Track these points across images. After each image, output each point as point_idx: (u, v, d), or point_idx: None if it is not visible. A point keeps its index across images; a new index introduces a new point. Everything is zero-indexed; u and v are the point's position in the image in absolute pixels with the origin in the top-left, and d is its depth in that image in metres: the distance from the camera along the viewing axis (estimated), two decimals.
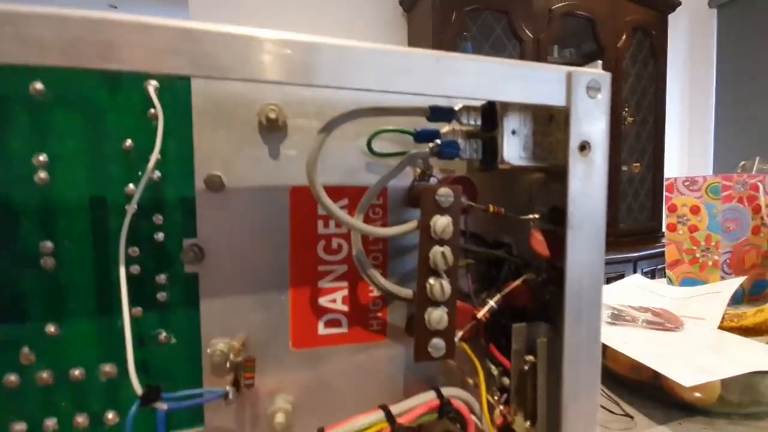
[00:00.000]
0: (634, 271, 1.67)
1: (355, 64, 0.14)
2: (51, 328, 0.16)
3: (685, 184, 0.85)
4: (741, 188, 0.80)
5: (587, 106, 0.17)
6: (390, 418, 0.17)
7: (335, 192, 0.19)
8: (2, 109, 0.16)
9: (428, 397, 0.18)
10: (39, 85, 0.16)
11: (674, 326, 0.53)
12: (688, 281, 0.82)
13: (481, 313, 0.19)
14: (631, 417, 0.36)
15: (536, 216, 0.20)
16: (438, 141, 0.18)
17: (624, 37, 1.81)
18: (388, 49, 0.14)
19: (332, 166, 0.19)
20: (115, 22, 0.11)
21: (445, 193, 0.17)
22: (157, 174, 0.17)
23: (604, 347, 0.46)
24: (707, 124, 2.20)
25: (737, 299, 0.72)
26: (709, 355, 0.43)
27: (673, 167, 2.23)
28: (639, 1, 1.83)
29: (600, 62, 0.24)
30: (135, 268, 0.17)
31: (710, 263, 0.82)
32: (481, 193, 0.21)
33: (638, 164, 1.92)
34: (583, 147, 0.17)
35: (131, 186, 0.17)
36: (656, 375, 0.40)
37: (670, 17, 1.98)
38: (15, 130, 0.16)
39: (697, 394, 0.39)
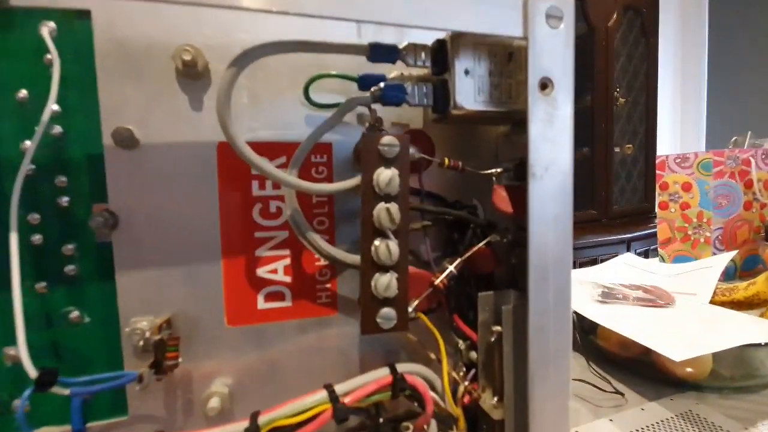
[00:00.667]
0: (628, 252, 1.66)
1: None
2: None
3: (677, 161, 0.84)
4: (733, 163, 0.78)
5: (547, 38, 0.15)
6: (333, 397, 0.15)
7: (271, 148, 0.17)
8: None
9: (380, 374, 0.16)
10: None
11: (665, 302, 0.52)
12: (680, 259, 0.81)
13: (439, 280, 0.17)
14: (622, 394, 0.35)
15: (498, 170, 0.18)
16: (382, 84, 0.16)
17: (615, 16, 1.78)
18: None
19: (267, 119, 0.17)
20: None
21: (389, 142, 0.15)
22: (58, 129, 0.15)
23: (595, 325, 0.45)
24: (699, 102, 2.19)
25: (729, 275, 0.71)
26: (700, 330, 0.42)
27: (666, 147, 2.22)
28: None
29: None
30: (37, 237, 0.15)
31: (702, 240, 0.81)
32: (441, 150, 0.19)
33: (630, 145, 1.91)
34: (545, 85, 0.15)
35: (27, 143, 0.15)
36: (647, 351, 0.39)
37: None
38: None
39: (689, 369, 0.38)
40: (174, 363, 0.15)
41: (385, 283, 0.15)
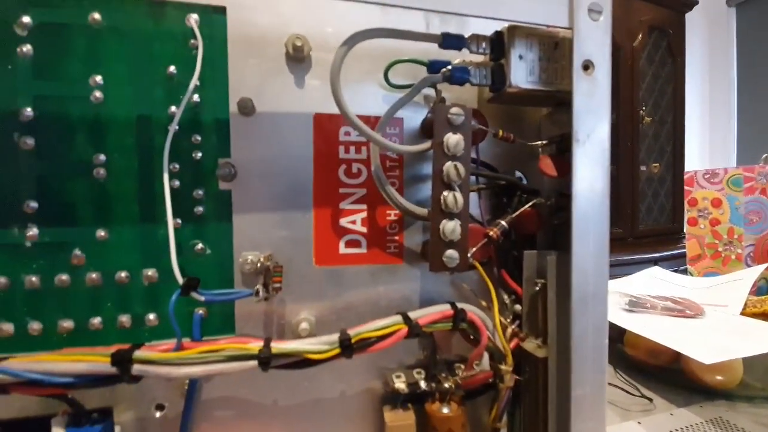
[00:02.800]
0: None
1: None
2: (101, 233, 0.18)
3: (706, 176, 0.83)
4: (763, 179, 0.78)
5: (589, 28, 0.18)
6: (407, 319, 0.18)
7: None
8: (64, 35, 0.18)
9: (443, 308, 0.19)
10: (96, 15, 0.18)
11: (695, 313, 0.51)
12: (710, 276, 0.80)
13: (493, 231, 0.20)
14: (651, 399, 0.35)
15: (544, 142, 0.21)
16: (449, 67, 0.19)
17: (640, 36, 1.80)
18: None
19: (352, 97, 0.21)
20: None
21: (456, 112, 0.19)
22: (196, 98, 0.19)
23: (622, 332, 0.45)
24: (728, 122, 2.15)
25: (762, 293, 0.70)
26: (730, 338, 0.42)
27: (694, 166, 2.18)
28: (655, 1, 1.82)
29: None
30: (175, 183, 0.19)
31: (733, 257, 0.80)
32: (491, 128, 0.22)
33: (657, 164, 1.89)
34: (587, 66, 0.18)
35: (173, 108, 0.19)
36: (675, 359, 0.39)
37: (688, 16, 1.96)
38: (74, 54, 0.18)
39: (719, 378, 0.38)
40: (278, 286, 0.19)
41: (451, 227, 0.19)
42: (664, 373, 0.42)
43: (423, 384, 0.20)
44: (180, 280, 0.17)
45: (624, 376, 0.42)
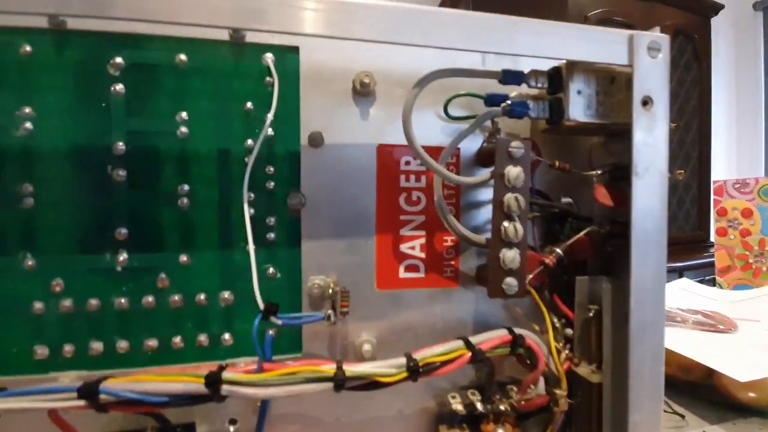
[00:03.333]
0: None
1: (439, 25, 0.17)
2: (184, 258, 0.20)
3: (735, 186, 0.82)
4: None
5: (649, 65, 0.19)
6: (470, 345, 0.19)
7: None
8: (153, 75, 0.19)
9: (501, 333, 0.20)
10: (183, 57, 0.19)
11: (727, 328, 0.51)
12: (740, 287, 0.78)
13: (549, 258, 0.21)
14: (682, 416, 0.35)
15: (599, 172, 0.22)
16: (508, 101, 0.20)
17: None
18: (471, 13, 0.17)
19: (415, 128, 0.22)
20: None
21: (517, 145, 0.20)
22: (270, 132, 0.20)
23: None
24: (757, 129, 2.09)
25: None
26: (764, 354, 0.41)
27: (720, 173, 2.13)
28: (679, 5, 1.79)
29: (658, 27, 0.24)
30: (250, 211, 0.20)
31: (765, 269, 0.78)
32: (545, 157, 0.23)
33: (682, 171, 1.85)
34: (646, 102, 0.19)
35: (250, 141, 0.20)
36: (708, 375, 0.39)
37: (713, 21, 1.92)
38: (163, 92, 0.19)
39: (752, 395, 0.38)
40: (346, 310, 0.20)
41: (511, 256, 0.19)
42: (696, 390, 0.41)
43: (479, 406, 0.21)
44: (261, 304, 0.18)
45: None
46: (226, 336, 0.20)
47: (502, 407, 0.21)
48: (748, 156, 2.15)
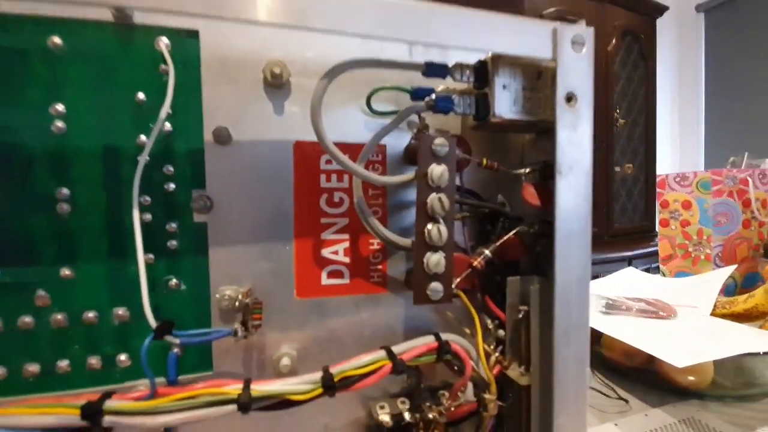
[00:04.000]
0: None
1: (355, 10, 0.15)
2: (66, 272, 0.17)
3: (676, 180, 0.86)
4: (731, 183, 0.81)
5: (572, 60, 0.18)
6: (391, 355, 0.18)
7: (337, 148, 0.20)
8: (22, 61, 0.16)
9: (428, 340, 0.19)
10: (57, 39, 0.17)
11: (667, 314, 0.53)
12: (681, 275, 0.82)
13: (477, 261, 0.20)
14: (626, 401, 0.37)
15: (527, 170, 0.21)
16: (433, 96, 0.19)
17: (614, 41, 1.85)
18: (389, 0, 0.15)
19: (333, 124, 0.20)
20: None
21: (441, 143, 0.18)
22: (168, 126, 0.18)
23: (599, 335, 0.47)
24: (697, 124, 2.24)
25: (729, 292, 0.73)
26: (701, 339, 0.44)
27: (665, 166, 2.26)
28: (627, 6, 1.87)
29: (584, 20, 0.25)
30: (147, 216, 0.18)
31: (702, 257, 0.83)
32: (475, 154, 0.22)
33: (630, 165, 1.95)
34: (570, 98, 0.18)
35: (143, 137, 0.18)
36: (650, 360, 0.40)
37: (658, 21, 2.03)
38: (33, 82, 0.17)
39: (691, 378, 0.40)
40: (258, 323, 0.18)
41: (435, 260, 0.18)
42: (639, 374, 0.43)
43: (407, 416, 0.20)
44: (153, 322, 0.16)
45: (601, 377, 0.43)
46: (122, 357, 0.18)
47: (430, 415, 0.20)
48: (690, 151, 2.30)
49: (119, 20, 0.17)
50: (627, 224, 1.96)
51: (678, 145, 2.34)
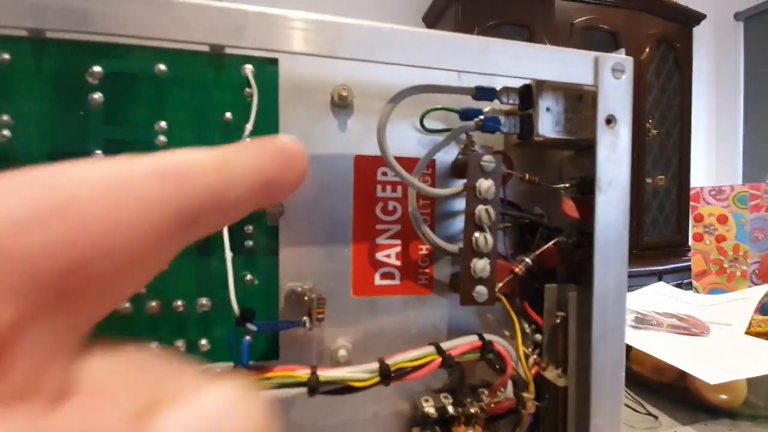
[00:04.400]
0: None
1: (417, 45, 0.17)
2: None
3: (712, 193, 0.84)
4: None
5: (612, 85, 0.20)
6: (441, 350, 0.20)
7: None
8: (132, 85, 0.19)
9: (472, 339, 0.21)
10: (162, 66, 0.20)
11: (700, 331, 0.52)
12: (715, 291, 0.80)
13: (518, 268, 0.22)
14: (656, 417, 0.37)
15: (567, 185, 0.23)
16: (481, 117, 0.21)
17: (647, 49, 1.81)
18: (445, 34, 0.18)
19: (391, 140, 0.22)
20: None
21: (488, 159, 0.20)
22: (249, 141, 0.21)
23: (628, 348, 0.47)
24: (735, 136, 2.16)
25: (766, 310, 0.70)
26: (735, 357, 0.43)
27: (700, 179, 2.19)
28: (662, 15, 1.84)
29: (623, 49, 0.25)
30: None
31: (738, 273, 0.81)
32: (518, 168, 0.24)
33: (663, 177, 1.90)
34: (609, 120, 0.20)
35: None
36: (681, 377, 0.40)
37: (695, 30, 1.97)
38: (141, 102, 0.20)
39: (723, 396, 0.40)
40: (321, 317, 0.20)
41: (482, 266, 0.20)
42: (669, 391, 0.43)
43: (450, 409, 0.22)
44: (237, 311, 0.18)
45: (630, 392, 0.43)
46: (203, 341, 0.20)
47: (472, 410, 0.22)
48: (727, 163, 2.22)
49: (213, 50, 0.20)
50: (658, 238, 1.90)
51: (714, 157, 2.26)
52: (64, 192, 0.08)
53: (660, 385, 0.44)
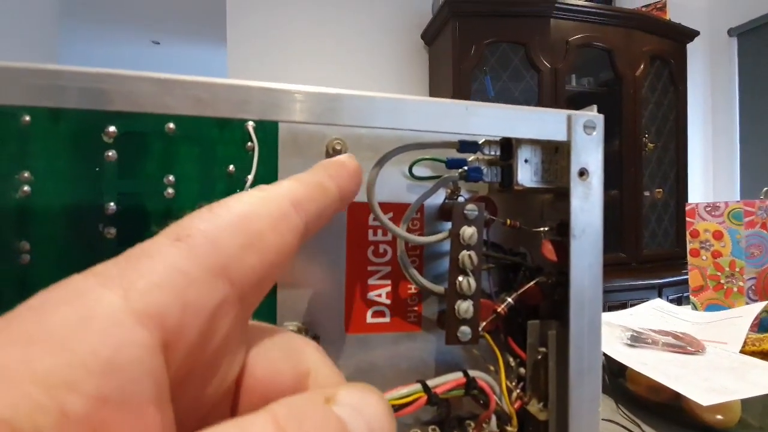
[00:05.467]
0: (659, 298, 1.63)
1: (405, 111, 0.19)
2: None
3: (707, 209, 0.85)
4: (764, 214, 0.80)
5: (584, 141, 0.22)
6: (426, 388, 0.21)
7: (383, 208, 0.24)
8: (144, 142, 0.21)
9: (456, 376, 0.22)
10: (171, 125, 0.21)
11: (695, 349, 0.53)
12: (713, 307, 0.81)
13: (501, 308, 0.24)
14: None
15: (546, 228, 0.24)
16: (466, 167, 0.23)
17: (642, 66, 1.85)
18: (430, 100, 0.19)
19: (381, 187, 0.24)
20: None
21: (471, 208, 0.22)
22: None
23: (624, 368, 0.47)
24: (732, 150, 2.18)
25: (764, 327, 0.71)
26: (729, 377, 0.44)
27: (699, 192, 2.20)
28: (656, 32, 1.87)
29: (595, 106, 0.26)
30: None
31: (735, 289, 0.81)
32: (501, 211, 0.26)
33: (660, 190, 1.91)
34: (582, 173, 0.22)
35: None
36: (676, 396, 0.41)
37: (689, 46, 2.01)
38: (152, 157, 0.21)
39: (719, 417, 0.40)
40: None
41: (465, 308, 0.22)
42: (665, 410, 0.43)
43: None
44: None
45: (626, 412, 0.44)
46: None
47: None
48: (724, 175, 2.23)
49: None
50: (657, 250, 1.91)
51: (711, 170, 2.28)
52: (254, 229, 0.11)
53: (656, 405, 0.44)
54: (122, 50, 1.59)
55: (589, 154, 0.22)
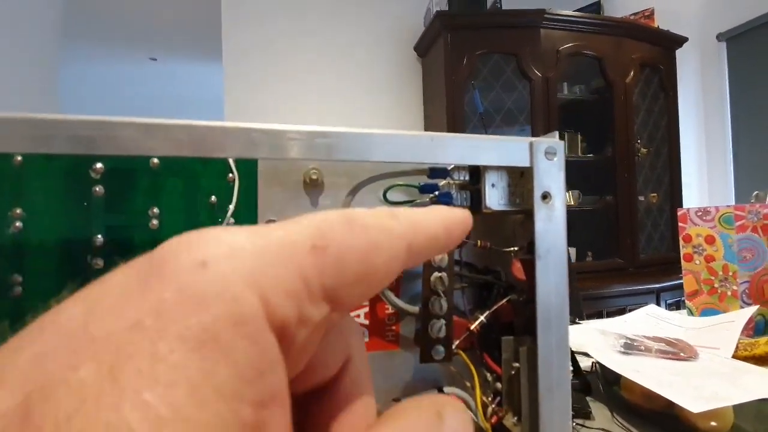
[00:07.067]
0: (657, 303, 1.63)
1: (374, 144, 0.20)
2: None
3: (698, 214, 0.86)
4: (754, 218, 0.81)
5: (546, 166, 0.23)
6: None
7: None
8: (131, 177, 0.23)
9: (432, 393, 0.23)
10: (156, 160, 0.23)
11: (688, 356, 0.53)
12: (708, 311, 0.81)
13: (473, 326, 0.25)
14: None
15: (516, 249, 0.25)
16: (437, 192, 0.24)
17: (632, 73, 1.87)
18: (397, 134, 0.21)
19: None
20: (216, 129, 0.18)
21: None
22: (232, 221, 0.24)
23: (618, 376, 0.48)
24: (725, 154, 2.20)
25: (759, 331, 0.72)
26: (721, 383, 0.44)
27: (694, 196, 2.21)
28: (645, 39, 1.90)
29: (557, 132, 0.27)
30: None
31: (729, 293, 0.82)
32: (474, 231, 0.27)
33: (655, 194, 1.93)
34: (545, 196, 0.23)
35: None
36: (670, 404, 0.41)
37: (678, 52, 2.04)
38: (138, 191, 0.23)
39: (712, 423, 0.41)
40: None
41: (438, 327, 0.23)
42: (659, 417, 0.43)
43: None
44: None
45: (621, 420, 0.44)
46: None
47: None
48: (718, 177, 2.25)
49: None
50: (653, 255, 1.92)
51: (705, 174, 2.29)
52: (373, 262, 0.11)
53: (650, 412, 0.44)
54: (122, 67, 1.63)
55: (552, 178, 0.23)
